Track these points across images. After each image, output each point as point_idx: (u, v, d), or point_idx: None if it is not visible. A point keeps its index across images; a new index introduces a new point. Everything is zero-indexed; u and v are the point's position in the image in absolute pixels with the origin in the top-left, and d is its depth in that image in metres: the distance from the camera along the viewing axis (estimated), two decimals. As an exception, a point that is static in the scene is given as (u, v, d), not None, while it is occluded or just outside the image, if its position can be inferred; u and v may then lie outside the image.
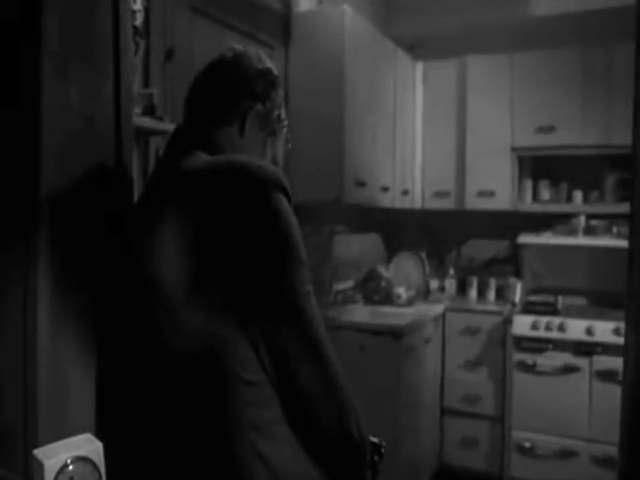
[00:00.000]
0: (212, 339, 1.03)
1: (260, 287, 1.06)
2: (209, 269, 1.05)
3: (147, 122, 2.13)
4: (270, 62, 1.36)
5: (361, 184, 3.50)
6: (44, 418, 1.16)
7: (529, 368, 3.80)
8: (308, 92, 3.38)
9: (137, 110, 2.19)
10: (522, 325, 3.83)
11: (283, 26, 3.37)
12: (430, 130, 4.46)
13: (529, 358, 3.80)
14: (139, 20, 2.24)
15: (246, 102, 1.29)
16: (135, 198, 1.38)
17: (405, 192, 4.24)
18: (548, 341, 3.75)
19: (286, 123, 1.40)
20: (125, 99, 1.31)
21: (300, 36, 3.40)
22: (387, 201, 3.95)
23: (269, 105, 1.32)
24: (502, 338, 3.93)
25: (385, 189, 3.87)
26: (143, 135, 2.24)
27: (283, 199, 1.09)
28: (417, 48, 4.60)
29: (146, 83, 2.29)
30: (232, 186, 1.07)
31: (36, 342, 1.16)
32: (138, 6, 2.22)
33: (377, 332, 3.38)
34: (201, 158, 1.15)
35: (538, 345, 3.77)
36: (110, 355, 1.18)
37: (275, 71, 1.36)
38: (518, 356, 3.84)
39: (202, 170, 1.12)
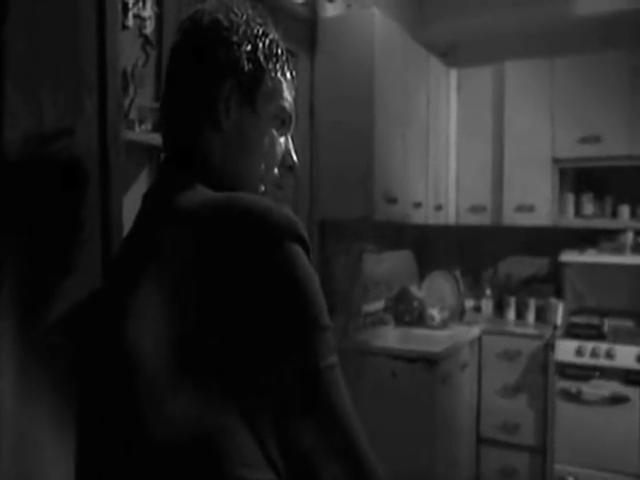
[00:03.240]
0: (206, 429, 0.81)
1: (268, 364, 0.82)
2: (203, 341, 0.82)
3: (157, 139, 1.92)
4: (246, 13, 1.02)
5: (392, 200, 3.27)
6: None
7: (573, 397, 3.53)
8: (335, 102, 3.17)
9: (148, 126, 2.00)
10: (566, 351, 3.56)
11: (309, 33, 3.16)
12: (465, 141, 4.20)
13: (573, 386, 3.53)
14: (149, 28, 2.05)
15: (212, 84, 0.99)
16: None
17: (439, 207, 4.00)
18: (594, 368, 3.48)
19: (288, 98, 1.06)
20: (112, 114, 1.10)
21: (327, 43, 3.19)
22: (420, 217, 3.71)
23: (245, 70, 0.99)
24: (543, 364, 3.67)
25: (417, 205, 3.63)
26: (153, 153, 2.04)
27: (298, 250, 0.85)
28: (451, 54, 4.36)
29: (157, 96, 2.09)
30: (233, 235, 0.84)
31: None
32: (148, 12, 2.03)
33: (410, 359, 3.14)
34: (196, 194, 0.92)
35: (583, 372, 3.51)
36: (88, 439, 0.96)
37: (253, 24, 1.01)
38: (561, 384, 3.57)
39: (195, 214, 0.88)
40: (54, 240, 1.05)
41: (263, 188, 1.05)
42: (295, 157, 1.10)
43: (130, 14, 1.97)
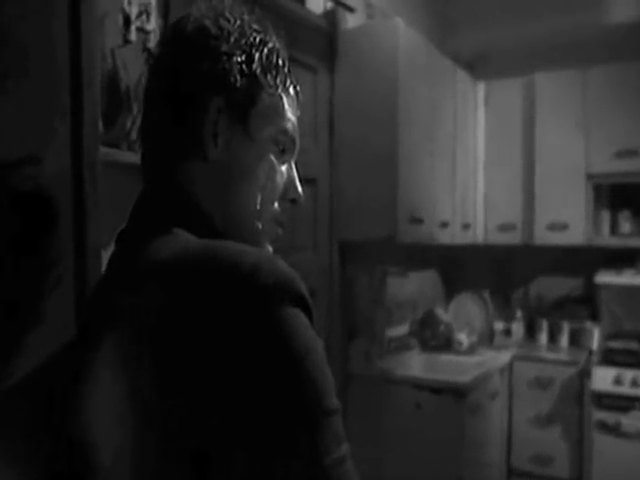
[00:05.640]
0: None
1: (260, 467, 0.65)
2: (174, 435, 0.66)
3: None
4: (240, 19, 0.85)
5: (417, 220, 3.10)
6: None
7: (611, 429, 3.31)
8: (357, 118, 3.02)
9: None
10: (602, 379, 3.35)
11: (328, 45, 3.01)
12: (494, 156, 4.01)
13: (611, 417, 3.32)
14: (154, 42, 1.90)
15: (196, 104, 0.83)
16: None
17: (466, 226, 3.81)
18: (634, 399, 3.26)
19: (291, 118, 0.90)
20: (89, 139, 0.96)
21: (347, 56, 3.03)
22: (446, 237, 3.53)
23: (236, 86, 0.83)
24: (578, 392, 3.46)
25: (444, 224, 3.46)
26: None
27: (296, 314, 0.68)
28: (478, 66, 4.18)
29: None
30: (212, 299, 0.67)
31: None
32: (152, 25, 1.89)
33: (436, 390, 2.96)
34: (171, 242, 0.76)
35: (622, 403, 3.30)
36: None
37: (248, 31, 0.85)
38: (598, 414, 3.36)
39: (166, 269, 0.72)
40: (17, 285, 0.90)
41: (260, 226, 0.89)
42: (300, 188, 0.93)
43: (133, 27, 1.83)
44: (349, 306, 3.21)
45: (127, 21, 1.83)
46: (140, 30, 1.86)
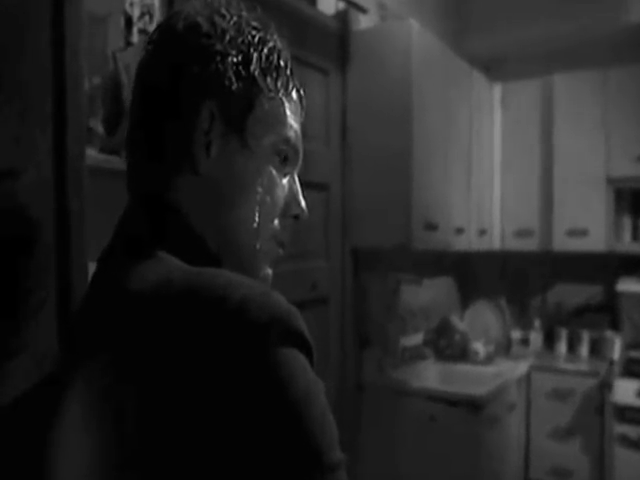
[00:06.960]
0: None
1: None
2: None
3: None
4: (237, 15, 0.77)
5: (432, 226, 3.01)
6: None
7: (633, 443, 3.19)
8: (370, 122, 2.93)
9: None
10: (624, 392, 3.24)
11: (340, 47, 2.92)
12: (510, 160, 3.90)
13: (633, 431, 3.20)
14: (157, 45, 1.83)
15: (186, 110, 0.75)
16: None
17: (482, 232, 3.71)
18: (658, 412, 3.15)
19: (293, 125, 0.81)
20: (74, 149, 0.87)
21: (360, 58, 2.95)
22: (462, 244, 3.43)
23: (232, 89, 0.74)
24: (599, 404, 3.35)
25: (459, 230, 3.36)
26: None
27: (293, 355, 0.60)
28: (494, 67, 4.08)
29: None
30: (196, 339, 0.58)
31: None
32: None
33: (452, 402, 2.86)
34: (153, 268, 0.67)
35: (645, 416, 3.18)
36: None
37: (246, 29, 0.76)
38: (620, 428, 3.24)
39: (145, 301, 0.64)
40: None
41: (259, 246, 0.80)
42: (303, 203, 0.83)
43: (135, 29, 1.76)
44: (362, 314, 3.13)
45: (129, 23, 1.75)
46: (143, 32, 1.78)
